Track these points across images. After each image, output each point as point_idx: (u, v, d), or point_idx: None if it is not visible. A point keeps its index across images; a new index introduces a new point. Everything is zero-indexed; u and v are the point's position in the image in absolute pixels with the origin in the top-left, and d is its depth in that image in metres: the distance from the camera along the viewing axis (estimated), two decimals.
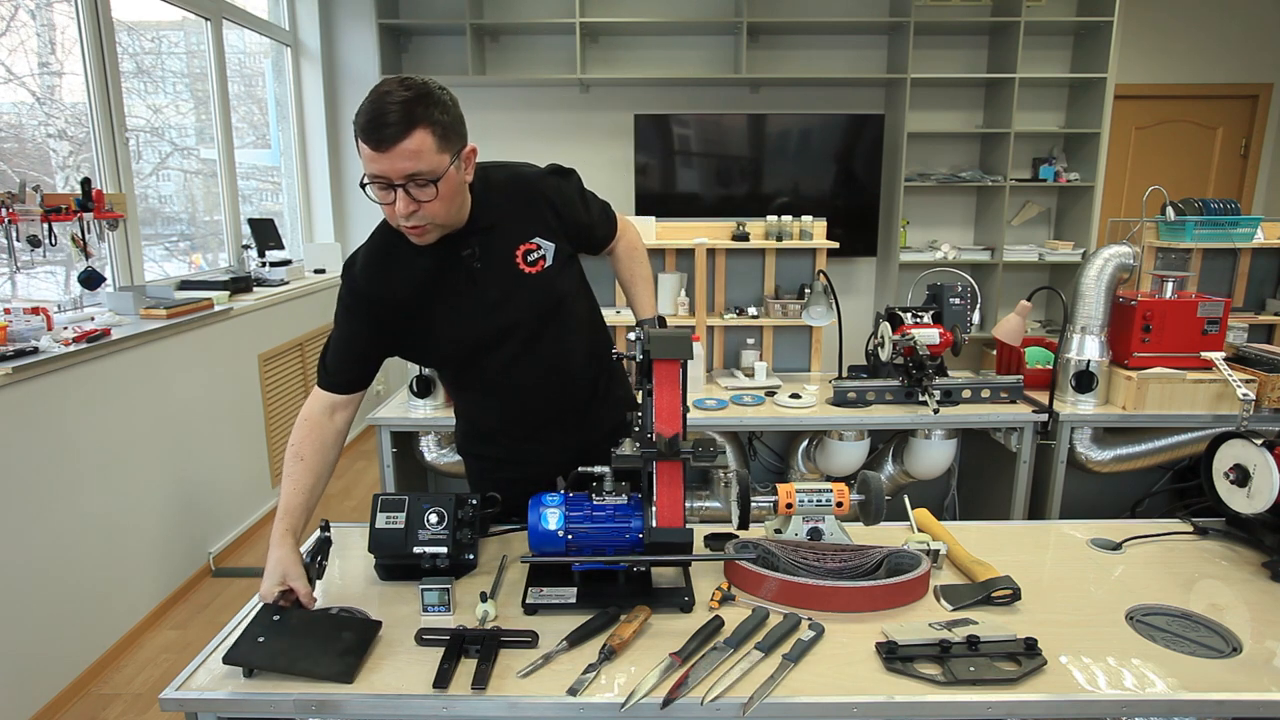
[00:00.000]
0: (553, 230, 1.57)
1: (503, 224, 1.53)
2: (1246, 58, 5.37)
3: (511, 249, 1.53)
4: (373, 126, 1.28)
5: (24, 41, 3.11)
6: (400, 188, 1.33)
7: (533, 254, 1.54)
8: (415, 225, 1.39)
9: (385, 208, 1.38)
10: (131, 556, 2.92)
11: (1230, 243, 3.14)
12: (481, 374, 1.63)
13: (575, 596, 1.44)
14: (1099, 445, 2.71)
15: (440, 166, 1.33)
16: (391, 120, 1.27)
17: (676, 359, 1.43)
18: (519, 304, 1.55)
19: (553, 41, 5.07)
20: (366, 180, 1.35)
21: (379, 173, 1.32)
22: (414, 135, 1.29)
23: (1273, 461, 1.59)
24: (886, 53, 5.16)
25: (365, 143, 1.29)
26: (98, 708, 2.54)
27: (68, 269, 3.17)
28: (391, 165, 1.30)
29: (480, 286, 1.53)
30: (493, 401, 1.71)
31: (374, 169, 1.32)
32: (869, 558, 1.52)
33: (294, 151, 5.10)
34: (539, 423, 1.72)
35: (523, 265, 1.54)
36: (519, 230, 1.54)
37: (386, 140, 1.28)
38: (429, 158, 1.31)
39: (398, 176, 1.31)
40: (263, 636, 1.28)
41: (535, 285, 1.55)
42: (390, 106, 1.27)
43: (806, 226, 3.23)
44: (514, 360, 1.60)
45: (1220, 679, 1.24)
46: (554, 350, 1.62)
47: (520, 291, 1.54)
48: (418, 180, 1.32)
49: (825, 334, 3.22)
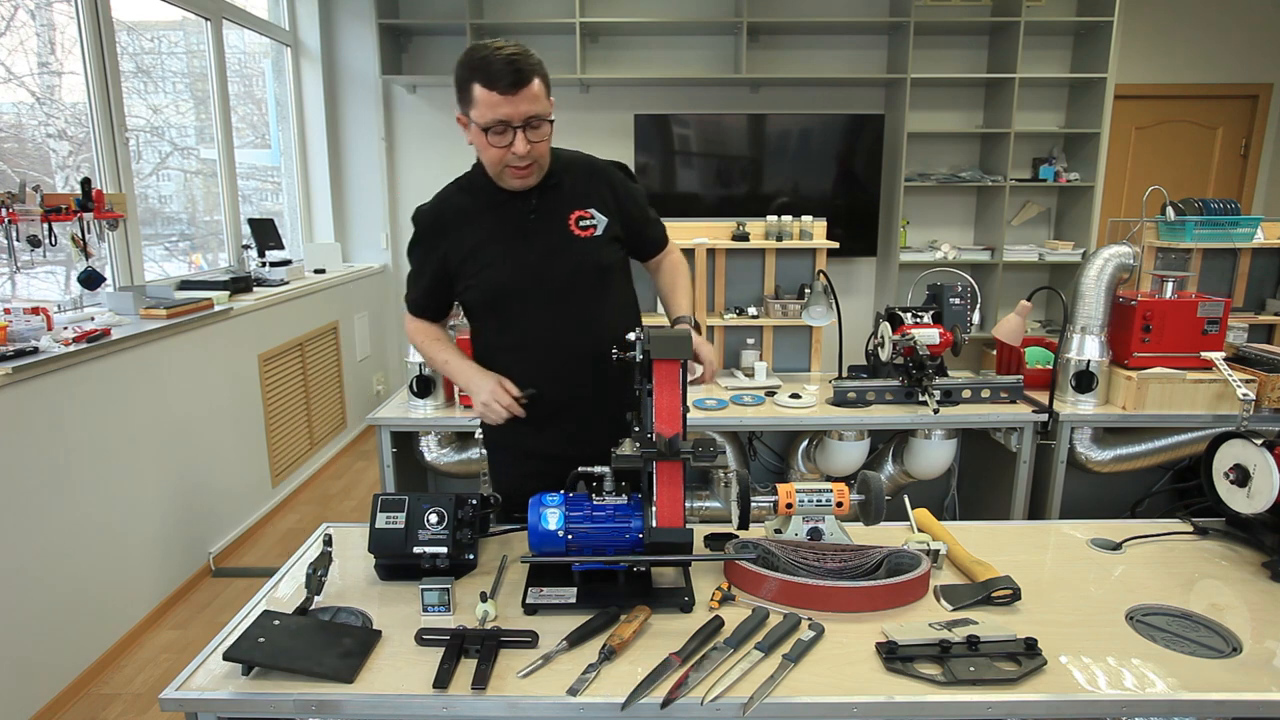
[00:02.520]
0: (608, 208, 1.72)
1: (564, 186, 1.70)
2: (1246, 58, 5.37)
3: (567, 212, 1.69)
4: (502, 74, 1.48)
5: (24, 41, 3.11)
6: (519, 129, 1.52)
7: (585, 220, 1.70)
8: (526, 165, 1.58)
9: (496, 151, 1.55)
10: (131, 556, 2.92)
11: (1230, 243, 3.14)
12: (515, 324, 1.73)
13: (575, 596, 1.44)
14: (1099, 445, 2.71)
15: (549, 110, 1.57)
16: (517, 68, 1.48)
17: (676, 359, 1.43)
18: (562, 260, 1.68)
19: (553, 41, 5.07)
20: (485, 125, 1.52)
21: (504, 116, 1.51)
22: (534, 82, 1.51)
23: (1273, 461, 1.59)
24: (886, 53, 5.16)
25: (492, 89, 1.49)
26: (98, 708, 2.54)
27: (68, 269, 3.17)
28: (516, 108, 1.50)
29: (530, 237, 1.68)
30: (522, 361, 1.74)
31: (498, 114, 1.50)
32: (869, 558, 1.52)
33: (294, 151, 5.10)
34: (564, 396, 1.73)
35: (574, 228, 1.69)
36: (577, 197, 1.70)
37: (515, 85, 1.48)
38: (542, 102, 1.54)
39: (519, 119, 1.51)
40: (263, 637, 1.28)
41: (581, 248, 1.69)
42: (514, 58, 1.48)
43: (806, 226, 3.23)
44: (546, 312, 1.70)
45: (1220, 679, 1.24)
46: (585, 315, 1.71)
47: (566, 250, 1.68)
48: (533, 122, 1.53)
49: (825, 334, 3.22)
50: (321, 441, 4.60)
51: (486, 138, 1.55)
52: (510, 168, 1.59)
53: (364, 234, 5.38)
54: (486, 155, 1.59)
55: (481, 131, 1.54)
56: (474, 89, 1.51)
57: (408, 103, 5.23)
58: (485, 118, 1.52)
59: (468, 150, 1.68)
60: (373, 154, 5.27)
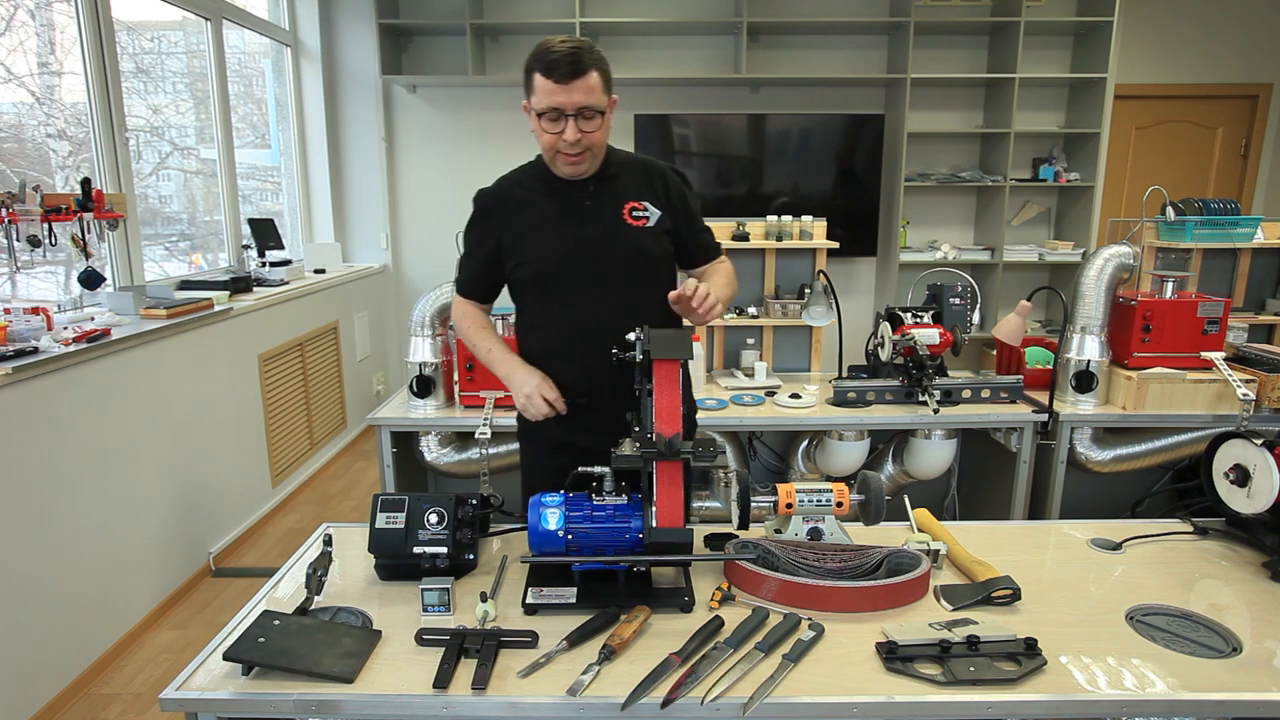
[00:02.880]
0: (662, 204, 1.80)
1: (622, 178, 1.79)
2: (1246, 58, 5.37)
3: (621, 202, 1.77)
4: (559, 64, 1.57)
5: (24, 41, 3.11)
6: (571, 118, 1.60)
7: (639, 211, 1.78)
8: (578, 153, 1.66)
9: (550, 137, 1.64)
10: (131, 556, 2.92)
11: (1230, 243, 3.14)
12: (559, 306, 1.78)
13: (575, 596, 1.44)
14: (1099, 445, 2.71)
15: (604, 103, 1.64)
16: (574, 60, 1.57)
17: (676, 359, 1.43)
18: (613, 245, 1.75)
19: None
20: (540, 111, 1.62)
21: (556, 104, 1.60)
22: (590, 75, 1.59)
23: (1273, 461, 1.59)
24: (886, 53, 5.16)
25: (548, 78, 1.58)
26: (98, 708, 2.54)
27: (68, 269, 3.17)
28: (569, 98, 1.59)
29: (584, 221, 1.76)
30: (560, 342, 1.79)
31: (552, 101, 1.59)
32: (869, 558, 1.52)
33: (294, 151, 5.10)
34: (597, 382, 1.74)
35: (627, 217, 1.77)
36: (633, 190, 1.79)
37: (571, 75, 1.57)
38: (598, 95, 1.62)
39: (571, 108, 1.60)
40: (263, 637, 1.28)
41: (632, 236, 1.76)
42: (572, 50, 1.58)
43: (806, 226, 3.23)
44: (589, 296, 1.75)
45: (1220, 679, 1.24)
46: (627, 302, 1.74)
47: (618, 236, 1.75)
48: (586, 113, 1.61)
49: (825, 334, 3.22)
50: (321, 441, 4.60)
51: (541, 123, 1.65)
52: (562, 154, 1.67)
53: (364, 234, 5.38)
54: (542, 141, 1.69)
55: (537, 117, 1.65)
56: (534, 77, 1.62)
57: (408, 103, 5.23)
58: (541, 104, 1.62)
59: (467, 150, 1.70)
60: (373, 154, 5.27)
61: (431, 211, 5.34)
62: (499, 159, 1.90)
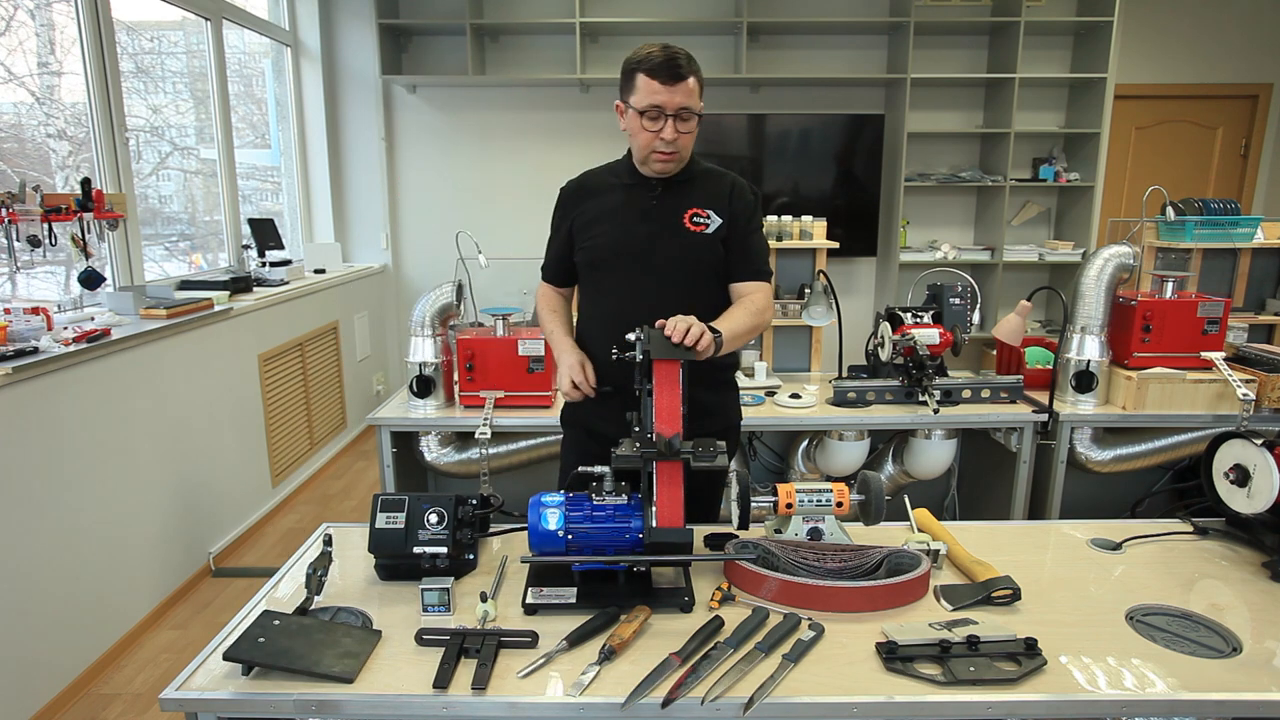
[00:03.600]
0: (726, 215, 1.86)
1: (695, 184, 1.87)
2: (1246, 58, 5.37)
3: (686, 206, 1.85)
4: (668, 67, 1.68)
5: (24, 41, 3.11)
6: (671, 118, 1.71)
7: (700, 217, 1.85)
8: (670, 151, 1.76)
9: (646, 135, 1.74)
10: (131, 556, 2.92)
11: (1230, 243, 3.14)
12: (608, 293, 1.87)
13: (575, 596, 1.44)
14: (1099, 445, 2.71)
15: (699, 107, 1.76)
16: (678, 64, 1.69)
17: (676, 359, 1.43)
18: (667, 245, 1.83)
19: (553, 41, 5.07)
20: (641, 109, 1.72)
21: (659, 103, 1.70)
22: (690, 80, 1.71)
23: (1273, 461, 1.59)
24: (886, 53, 5.16)
25: (653, 78, 1.69)
26: (98, 708, 2.54)
27: (68, 269, 3.17)
28: (671, 98, 1.70)
29: (647, 218, 1.84)
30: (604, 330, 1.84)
31: (656, 100, 1.70)
32: (869, 558, 1.52)
33: (294, 151, 5.10)
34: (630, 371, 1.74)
35: (688, 222, 1.85)
36: (701, 198, 1.86)
37: (675, 78, 1.68)
38: (695, 99, 1.73)
39: (673, 108, 1.70)
40: (263, 637, 1.28)
41: (688, 238, 1.84)
42: (676, 55, 1.69)
43: (806, 226, 3.23)
44: (637, 289, 1.83)
45: (1220, 679, 1.24)
46: (672, 301, 1.73)
47: (674, 237, 1.83)
48: (684, 114, 1.72)
49: (825, 334, 3.22)
50: (321, 441, 4.60)
51: (641, 121, 1.73)
52: (656, 152, 1.76)
53: (364, 234, 5.38)
54: (638, 139, 1.77)
55: (638, 115, 1.73)
56: (637, 77, 1.71)
57: (408, 103, 5.23)
58: (643, 103, 1.71)
59: (467, 150, 1.71)
60: (373, 154, 5.27)
61: (431, 211, 5.34)
62: (499, 159, 1.92)
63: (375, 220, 5.35)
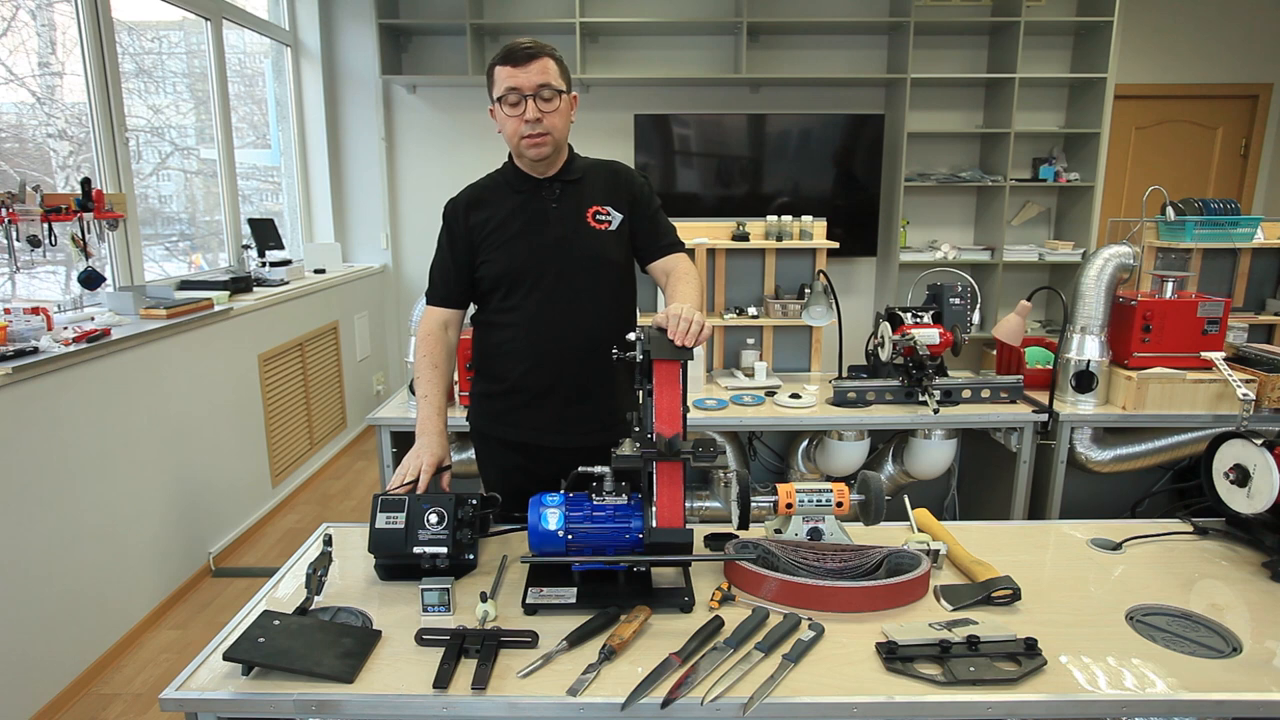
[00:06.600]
0: (625, 208, 1.86)
1: (587, 182, 1.85)
2: (1246, 58, 5.37)
3: (586, 205, 1.83)
4: (513, 52, 1.69)
5: (24, 41, 3.11)
6: (530, 98, 1.69)
7: (602, 215, 1.84)
8: (540, 134, 1.72)
9: (512, 120, 1.72)
10: (131, 556, 2.92)
11: (1230, 243, 3.14)
12: (518, 304, 1.82)
13: (575, 596, 1.43)
14: (1099, 445, 2.71)
15: (561, 85, 1.73)
16: (527, 46, 1.69)
17: (676, 359, 1.43)
18: (574, 248, 1.80)
19: (553, 41, 5.02)
20: (499, 97, 1.71)
21: (514, 85, 1.68)
22: (543, 59, 1.70)
23: (1273, 461, 1.59)
24: (886, 53, 5.16)
25: (505, 65, 1.69)
26: (98, 708, 2.54)
27: (68, 269, 3.17)
28: (527, 78, 1.68)
29: (549, 223, 1.81)
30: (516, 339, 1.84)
31: (511, 82, 1.69)
32: (869, 558, 1.52)
33: (294, 151, 5.10)
34: (548, 381, 1.82)
35: (591, 221, 1.83)
36: (598, 194, 1.85)
37: (524, 59, 1.68)
38: (554, 76, 1.71)
39: (529, 88, 1.68)
40: (263, 637, 1.28)
41: (593, 238, 1.82)
42: (529, 42, 1.71)
43: (806, 226, 3.23)
44: (548, 296, 1.80)
45: (1220, 679, 1.24)
46: (583, 303, 1.81)
47: (580, 239, 1.81)
48: (543, 93, 1.69)
49: (825, 334, 3.22)
50: (321, 441, 4.60)
51: (503, 109, 1.72)
52: (525, 138, 1.73)
53: (364, 234, 5.38)
54: (506, 129, 1.75)
55: (499, 104, 1.72)
56: (494, 71, 1.72)
57: (408, 103, 5.23)
58: (501, 89, 1.70)
59: (467, 150, 1.72)
60: (373, 154, 5.27)
61: (431, 212, 5.29)
62: (499, 159, 1.91)
63: (375, 220, 5.35)
